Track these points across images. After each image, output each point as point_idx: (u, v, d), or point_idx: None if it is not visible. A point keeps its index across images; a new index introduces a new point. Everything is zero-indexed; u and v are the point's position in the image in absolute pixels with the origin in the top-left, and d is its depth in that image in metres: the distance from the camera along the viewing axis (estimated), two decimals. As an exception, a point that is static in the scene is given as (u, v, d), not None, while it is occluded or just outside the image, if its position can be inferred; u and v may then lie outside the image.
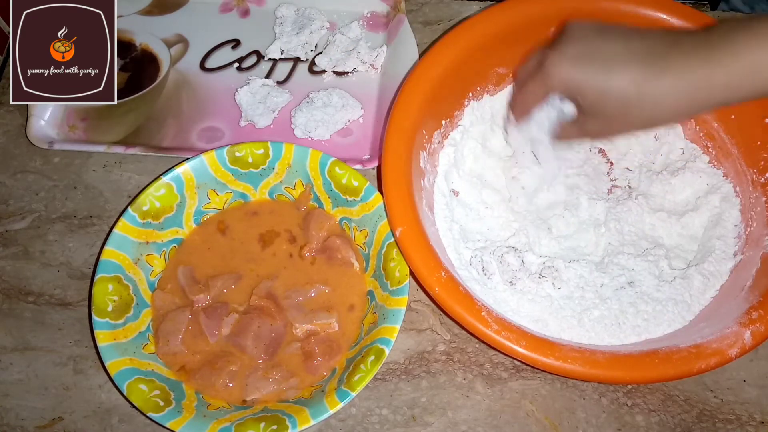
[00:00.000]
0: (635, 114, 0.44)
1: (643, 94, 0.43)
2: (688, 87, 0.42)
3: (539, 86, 0.48)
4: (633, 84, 0.43)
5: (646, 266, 0.54)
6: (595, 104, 0.45)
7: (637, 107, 0.44)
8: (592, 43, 0.45)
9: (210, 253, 0.56)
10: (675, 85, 0.42)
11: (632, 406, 0.53)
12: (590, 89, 0.45)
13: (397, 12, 0.70)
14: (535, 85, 0.48)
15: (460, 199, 0.58)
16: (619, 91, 0.43)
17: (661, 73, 0.42)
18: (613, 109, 0.45)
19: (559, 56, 0.46)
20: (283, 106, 0.66)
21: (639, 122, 0.46)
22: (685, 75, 0.42)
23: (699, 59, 0.42)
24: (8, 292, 0.58)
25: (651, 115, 0.44)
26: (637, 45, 0.44)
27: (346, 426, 0.52)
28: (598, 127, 0.48)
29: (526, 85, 0.50)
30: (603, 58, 0.44)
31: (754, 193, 0.55)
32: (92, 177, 0.63)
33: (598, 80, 0.44)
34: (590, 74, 0.44)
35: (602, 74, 0.44)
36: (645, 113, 0.44)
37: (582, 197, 0.58)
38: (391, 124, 0.53)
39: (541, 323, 0.52)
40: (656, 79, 0.42)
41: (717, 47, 0.41)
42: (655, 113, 0.44)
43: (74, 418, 0.53)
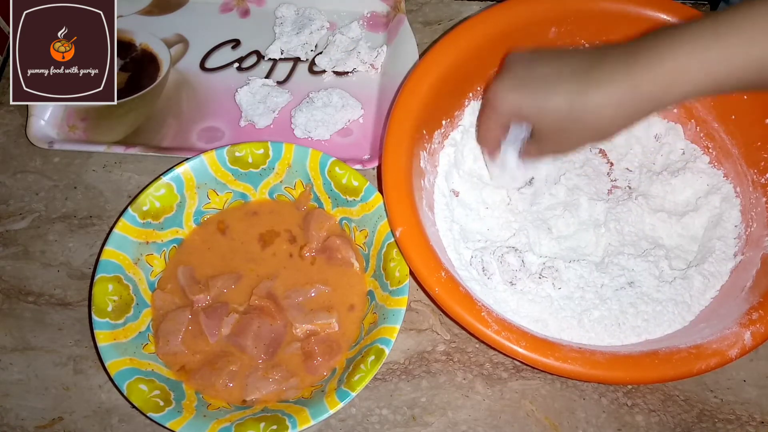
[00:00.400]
0: (576, 129, 0.46)
1: (575, 110, 0.45)
2: (617, 97, 0.43)
3: (491, 119, 0.51)
4: (565, 101, 0.45)
5: (646, 267, 0.54)
6: (539, 125, 0.48)
7: (575, 122, 0.45)
8: (527, 68, 0.48)
9: (210, 253, 0.56)
10: (604, 96, 0.44)
11: (632, 406, 0.53)
12: (530, 111, 0.47)
13: (397, 12, 0.70)
14: (488, 119, 0.51)
15: (460, 199, 0.58)
16: (554, 110, 0.46)
17: (589, 87, 0.44)
18: (554, 127, 0.47)
19: (500, 86, 0.49)
20: (283, 106, 0.66)
21: (583, 136, 0.47)
22: (612, 86, 0.43)
23: (623, 70, 0.43)
24: (8, 292, 0.58)
25: (592, 127, 0.46)
26: (567, 64, 0.46)
27: (346, 426, 0.52)
28: (549, 144, 0.50)
29: (481, 120, 0.53)
30: (537, 81, 0.47)
31: (754, 194, 0.55)
32: (92, 177, 0.63)
33: (536, 103, 0.47)
34: (528, 98, 0.47)
35: (538, 94, 0.46)
36: (585, 127, 0.46)
37: (582, 198, 0.58)
38: (391, 124, 0.53)
39: (541, 323, 0.52)
40: (585, 93, 0.44)
41: (641, 55, 0.43)
42: (596, 125, 0.45)
43: (74, 418, 0.53)
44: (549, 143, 0.50)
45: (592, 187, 0.59)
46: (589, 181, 0.59)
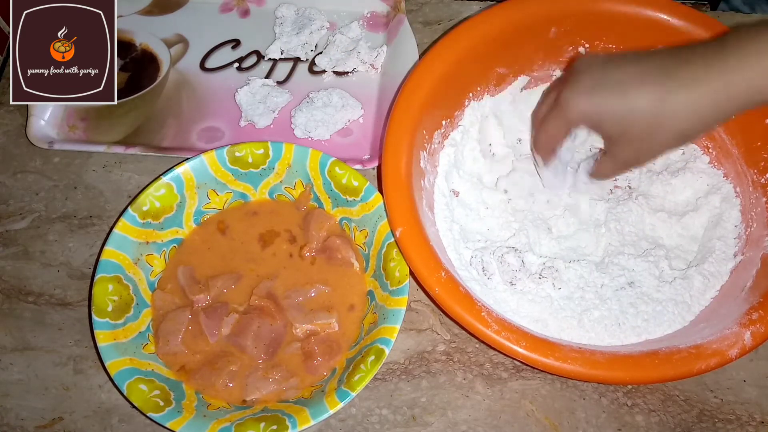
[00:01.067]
0: (663, 131, 0.44)
1: (665, 110, 0.43)
2: (708, 95, 0.42)
3: (559, 123, 0.48)
4: (653, 102, 0.43)
5: (647, 267, 0.54)
6: (621, 129, 0.45)
7: (663, 124, 0.43)
8: (602, 71, 0.46)
9: (210, 253, 0.56)
10: (694, 95, 0.42)
11: (632, 406, 0.53)
12: (611, 116, 0.45)
13: (397, 12, 0.70)
14: (556, 123, 0.48)
15: (460, 200, 0.58)
16: (641, 112, 0.43)
17: (679, 86, 0.42)
18: (639, 131, 0.45)
19: (573, 90, 0.46)
20: (283, 106, 0.66)
21: (669, 139, 0.45)
22: (703, 83, 0.42)
23: (715, 68, 0.42)
24: (8, 292, 0.58)
25: (679, 129, 0.44)
26: (648, 65, 0.44)
27: (346, 426, 0.52)
28: (629, 153, 0.47)
29: (545, 124, 0.50)
30: (617, 84, 0.44)
31: (754, 194, 0.55)
32: (92, 177, 0.63)
33: (617, 105, 0.44)
34: (608, 101, 0.44)
35: (619, 99, 0.44)
36: (673, 129, 0.44)
37: (582, 198, 0.58)
38: (391, 124, 0.53)
39: (541, 323, 0.52)
40: (675, 92, 0.42)
41: (732, 54, 0.41)
42: (683, 126, 0.44)
43: (74, 418, 0.53)
44: (628, 151, 0.47)
45: (594, 188, 0.59)
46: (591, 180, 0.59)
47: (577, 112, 0.46)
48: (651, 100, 0.43)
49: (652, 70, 0.44)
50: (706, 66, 0.42)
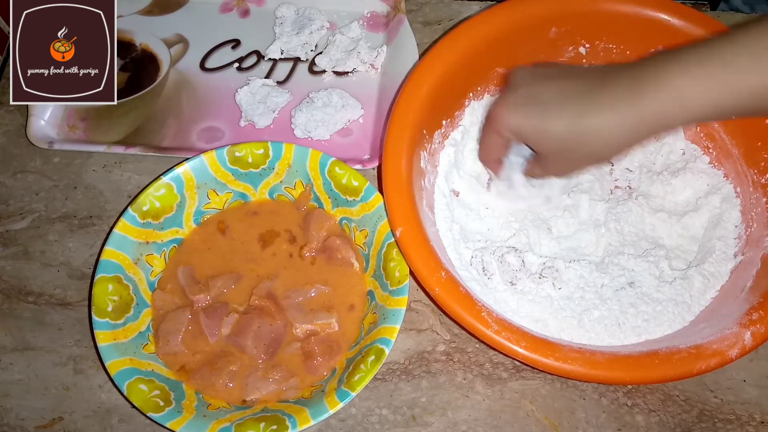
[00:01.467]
0: (576, 152, 0.46)
1: (576, 133, 0.45)
2: (617, 121, 0.43)
3: (492, 138, 0.50)
4: (564, 126, 0.45)
5: (647, 267, 0.54)
6: (539, 147, 0.48)
7: (575, 146, 0.45)
8: (530, 89, 0.47)
9: (210, 253, 0.56)
10: (604, 120, 0.44)
11: (632, 406, 0.53)
12: (531, 133, 0.47)
13: (397, 12, 0.70)
14: (489, 138, 0.51)
15: (460, 200, 0.58)
16: (555, 132, 0.45)
17: (589, 111, 0.44)
18: (555, 149, 0.47)
19: (502, 105, 0.48)
20: (283, 106, 0.66)
21: (583, 159, 0.47)
22: (613, 110, 0.43)
23: (625, 92, 0.43)
24: (8, 292, 0.58)
25: (591, 151, 0.46)
26: (570, 85, 0.46)
27: (346, 426, 0.52)
28: (552, 165, 0.50)
29: (482, 139, 0.53)
30: (539, 103, 0.46)
31: (754, 194, 0.55)
32: (92, 177, 0.63)
33: (536, 124, 0.46)
34: (529, 119, 0.47)
35: (539, 118, 0.46)
36: (585, 150, 0.46)
37: (583, 197, 0.58)
38: (392, 124, 0.53)
39: (541, 324, 0.52)
40: (587, 116, 0.44)
41: (643, 79, 0.43)
42: (596, 148, 0.45)
43: (74, 418, 0.53)
44: (550, 165, 0.49)
45: (596, 187, 0.59)
46: (593, 180, 0.59)
47: (504, 126, 0.48)
48: (565, 124, 0.45)
49: (573, 91, 0.45)
50: (618, 90, 0.43)
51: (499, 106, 0.48)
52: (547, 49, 0.60)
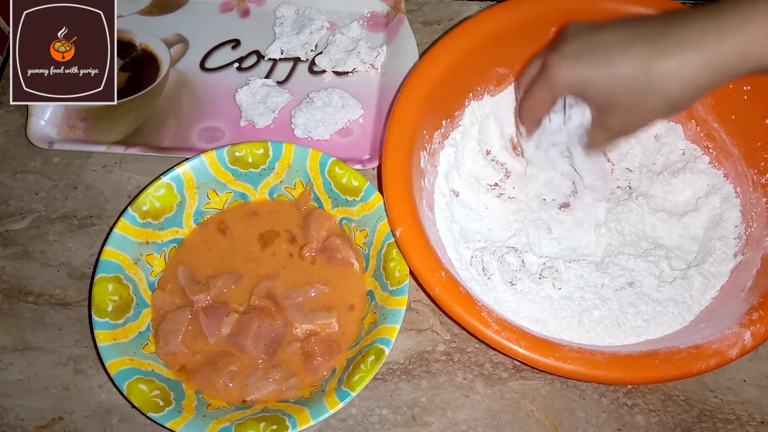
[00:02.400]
0: (650, 98, 0.42)
1: (651, 75, 0.41)
2: (698, 57, 0.40)
3: (545, 91, 0.46)
4: (637, 67, 0.41)
5: (647, 267, 0.54)
6: (606, 97, 0.43)
7: (650, 89, 0.41)
8: (589, 37, 0.44)
9: (210, 253, 0.56)
10: (684, 57, 0.40)
11: (632, 406, 0.53)
12: (596, 82, 0.43)
13: (397, 12, 0.70)
14: (541, 91, 0.46)
15: (460, 200, 0.58)
16: (627, 77, 0.41)
17: (668, 49, 0.40)
18: (626, 97, 0.42)
19: (559, 56, 0.44)
20: (283, 106, 0.66)
21: (657, 107, 0.42)
22: (693, 46, 0.40)
23: (705, 30, 0.40)
24: (8, 292, 0.58)
25: (667, 96, 0.41)
26: (638, 28, 0.42)
27: (346, 426, 0.52)
28: (619, 122, 0.45)
29: (531, 93, 0.48)
30: (602, 49, 0.42)
31: (754, 194, 0.55)
32: (92, 177, 0.63)
33: (602, 71, 0.42)
34: (593, 67, 0.43)
35: (605, 64, 0.42)
36: (660, 96, 0.41)
37: (586, 196, 0.58)
38: (392, 124, 0.53)
39: (541, 323, 0.52)
40: (662, 57, 0.40)
41: (723, 17, 0.40)
42: (671, 94, 0.41)
43: (74, 418, 0.53)
44: (616, 120, 0.44)
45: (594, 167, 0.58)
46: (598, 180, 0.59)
47: (561, 79, 0.44)
48: (636, 66, 0.41)
49: (639, 33, 0.42)
50: (697, 29, 0.40)
51: (557, 56, 0.44)
52: (547, 50, 0.60)
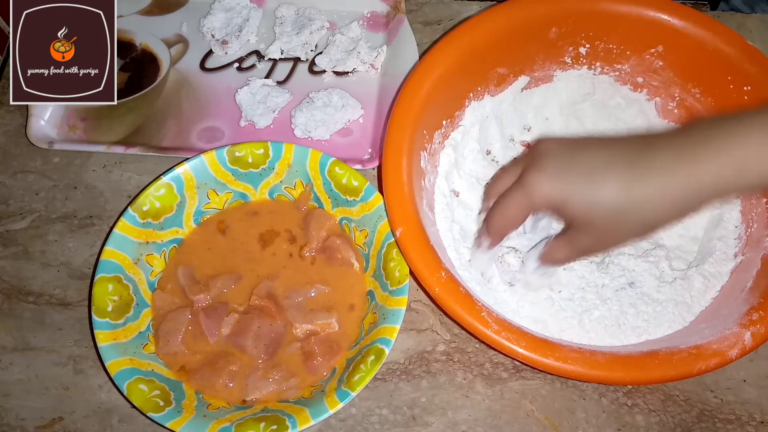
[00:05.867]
0: (629, 221, 0.42)
1: (631, 200, 0.41)
2: (676, 186, 0.40)
3: (520, 205, 0.45)
4: (620, 191, 0.41)
5: (647, 267, 0.54)
6: (585, 217, 0.43)
7: (629, 214, 0.42)
8: (570, 155, 0.43)
9: (210, 253, 0.56)
10: (663, 185, 0.40)
11: (632, 406, 0.53)
12: (577, 202, 0.42)
13: (397, 12, 0.70)
14: (516, 204, 0.45)
15: (460, 200, 0.58)
16: (608, 200, 0.41)
17: (647, 174, 0.41)
18: (605, 220, 0.42)
19: (539, 172, 0.43)
20: (283, 106, 0.66)
21: (634, 229, 0.43)
22: (672, 173, 0.40)
23: (682, 156, 0.40)
24: (8, 292, 0.58)
25: (645, 220, 0.42)
26: (615, 150, 0.42)
27: (346, 426, 0.52)
28: (590, 241, 0.45)
29: (504, 204, 0.46)
30: (584, 169, 0.42)
31: (754, 194, 0.55)
32: (92, 177, 0.63)
33: (584, 192, 0.42)
34: (574, 187, 0.42)
35: (587, 185, 0.42)
36: (638, 219, 0.42)
37: None
38: (392, 124, 0.53)
39: (541, 324, 0.52)
40: (643, 181, 0.41)
41: (702, 141, 0.40)
42: (649, 217, 0.42)
43: (74, 418, 0.53)
44: (588, 239, 0.44)
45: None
46: None
47: (541, 194, 0.43)
48: (617, 190, 0.41)
49: (619, 156, 0.42)
50: (675, 156, 0.40)
51: (536, 173, 0.43)
52: (547, 50, 0.60)
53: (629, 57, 0.60)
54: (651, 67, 0.60)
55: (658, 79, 0.61)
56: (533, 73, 0.62)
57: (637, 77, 0.62)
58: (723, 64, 0.56)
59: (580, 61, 0.61)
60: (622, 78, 0.62)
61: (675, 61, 0.59)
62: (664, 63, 0.60)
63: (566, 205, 0.43)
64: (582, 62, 0.62)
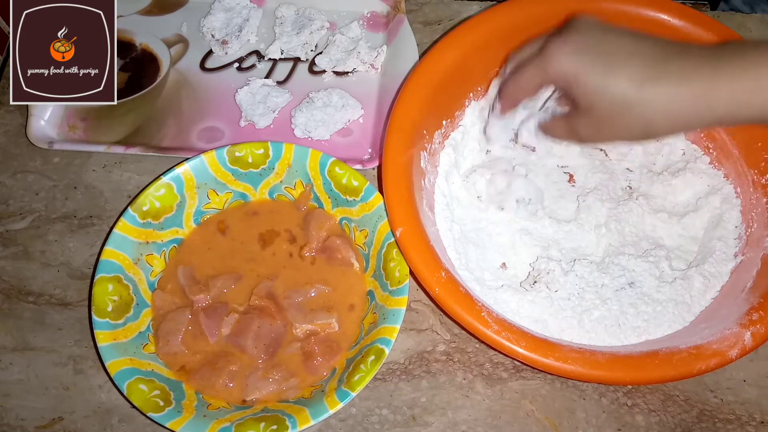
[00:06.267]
0: (630, 117, 0.42)
1: (640, 96, 0.41)
2: (688, 95, 0.40)
3: (536, 72, 0.45)
4: (631, 83, 0.41)
5: (647, 267, 0.54)
6: (591, 100, 0.43)
7: (633, 109, 0.41)
8: (597, 35, 0.43)
9: (210, 253, 0.56)
10: (675, 90, 0.40)
11: (632, 406, 0.53)
12: (588, 83, 0.42)
13: (397, 12, 0.70)
14: (533, 71, 0.45)
15: (460, 200, 0.58)
16: (617, 89, 0.41)
17: (663, 76, 0.40)
18: (608, 109, 0.42)
19: (562, 44, 0.43)
20: (283, 106, 0.66)
21: (633, 128, 0.43)
22: (688, 81, 0.40)
23: (703, 68, 0.40)
24: (8, 292, 0.58)
25: (646, 121, 0.42)
26: (643, 45, 0.42)
27: (346, 426, 0.52)
28: (588, 128, 0.45)
29: (521, 71, 0.46)
30: (606, 52, 0.42)
31: (754, 194, 0.55)
32: (92, 177, 0.63)
33: (597, 74, 0.42)
34: (590, 66, 0.42)
35: (602, 68, 0.42)
36: (640, 118, 0.42)
37: (590, 198, 0.57)
38: (392, 124, 0.53)
39: (541, 324, 0.52)
40: (657, 81, 0.40)
41: (723, 60, 0.40)
42: (651, 119, 0.41)
43: (74, 418, 0.53)
44: (587, 127, 0.44)
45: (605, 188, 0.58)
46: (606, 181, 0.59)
47: (557, 66, 0.43)
48: (630, 83, 0.41)
49: (647, 51, 0.42)
50: (696, 65, 0.40)
51: (558, 44, 0.43)
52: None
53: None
54: (651, 67, 0.60)
55: (658, 79, 0.61)
56: (533, 73, 0.62)
57: (637, 77, 0.62)
58: (723, 64, 0.56)
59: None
60: (622, 78, 0.62)
61: (675, 61, 0.59)
62: (664, 63, 0.60)
63: (577, 82, 0.43)
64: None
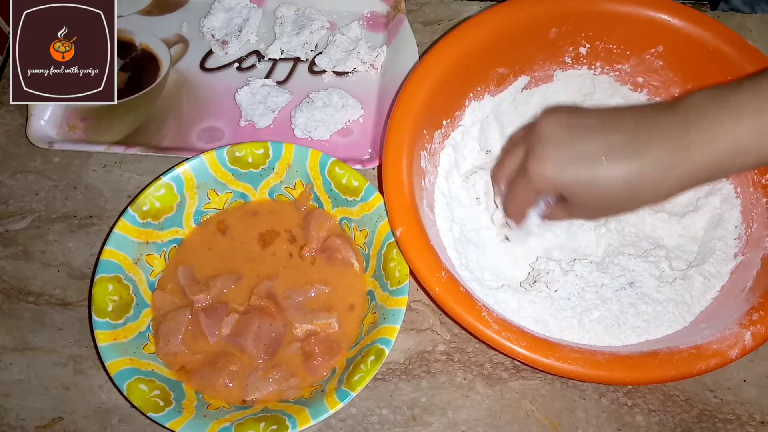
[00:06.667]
0: (627, 203, 0.46)
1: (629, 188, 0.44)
2: (672, 176, 0.43)
3: (528, 191, 0.48)
4: (618, 180, 0.44)
5: (647, 267, 0.54)
6: (583, 200, 0.46)
7: (626, 198, 0.45)
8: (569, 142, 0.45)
9: (210, 253, 0.56)
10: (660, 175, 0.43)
11: (632, 406, 0.53)
12: (579, 189, 0.45)
13: (397, 12, 0.70)
14: (525, 190, 0.49)
15: (461, 200, 0.58)
16: (608, 187, 0.44)
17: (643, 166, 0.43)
18: (604, 202, 0.46)
19: (540, 162, 0.46)
20: (283, 106, 0.66)
21: (629, 208, 0.48)
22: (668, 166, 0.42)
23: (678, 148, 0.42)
24: (8, 292, 0.58)
25: (641, 201, 0.45)
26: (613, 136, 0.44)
27: (346, 426, 0.52)
28: (587, 215, 0.50)
29: (514, 192, 0.50)
30: (584, 158, 0.44)
31: (754, 194, 0.55)
32: (92, 177, 0.63)
33: (586, 179, 0.44)
34: (576, 175, 0.45)
35: (588, 172, 0.44)
36: (634, 201, 0.45)
37: None
38: (392, 124, 0.53)
39: (542, 324, 0.52)
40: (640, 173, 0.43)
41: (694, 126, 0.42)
42: (645, 198, 0.45)
43: (74, 418, 0.53)
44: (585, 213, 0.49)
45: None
46: None
47: (545, 183, 0.46)
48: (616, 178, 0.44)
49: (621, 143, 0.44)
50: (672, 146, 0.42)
51: (536, 164, 0.46)
52: (547, 50, 0.60)
53: (629, 57, 0.60)
54: (651, 67, 0.60)
55: (658, 79, 0.61)
56: (533, 73, 0.62)
57: (637, 77, 0.62)
58: (723, 64, 0.56)
59: (580, 61, 0.61)
60: (622, 78, 0.62)
61: (675, 61, 0.59)
62: (664, 63, 0.60)
63: (569, 190, 0.46)
64: (582, 62, 0.62)
